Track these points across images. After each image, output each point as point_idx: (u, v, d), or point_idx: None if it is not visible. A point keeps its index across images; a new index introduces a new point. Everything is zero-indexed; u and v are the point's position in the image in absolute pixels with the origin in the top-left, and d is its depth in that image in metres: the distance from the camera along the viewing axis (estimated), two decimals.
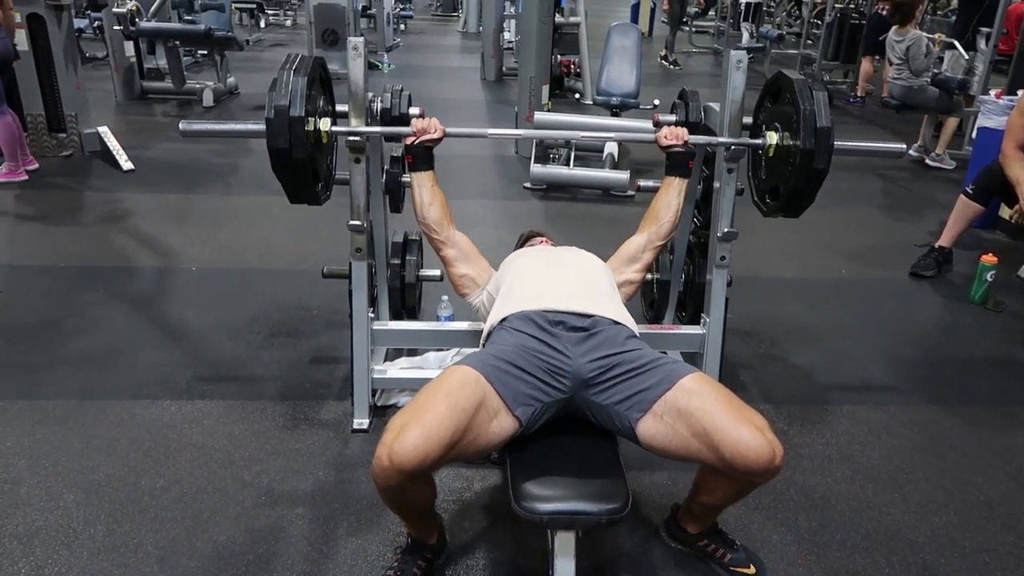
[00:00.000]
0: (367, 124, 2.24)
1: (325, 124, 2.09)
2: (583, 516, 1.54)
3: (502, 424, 1.60)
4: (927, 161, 5.98)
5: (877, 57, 8.29)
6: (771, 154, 2.16)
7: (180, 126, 2.10)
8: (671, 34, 10.86)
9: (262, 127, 1.95)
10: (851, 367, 2.95)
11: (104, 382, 2.62)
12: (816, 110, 1.98)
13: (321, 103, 2.13)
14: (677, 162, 2.23)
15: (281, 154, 1.93)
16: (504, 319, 1.83)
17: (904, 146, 2.37)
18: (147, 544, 1.92)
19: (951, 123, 5.91)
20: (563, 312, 1.79)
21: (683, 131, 2.22)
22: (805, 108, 1.99)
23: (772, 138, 2.14)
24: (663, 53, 10.91)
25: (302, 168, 1.97)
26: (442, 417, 1.48)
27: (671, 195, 2.22)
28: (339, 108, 2.28)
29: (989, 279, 3.49)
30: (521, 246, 2.50)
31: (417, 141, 2.13)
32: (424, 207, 2.12)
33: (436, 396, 1.54)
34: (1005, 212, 4.42)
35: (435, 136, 2.15)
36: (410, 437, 1.44)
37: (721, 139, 2.29)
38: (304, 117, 1.92)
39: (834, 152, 2.00)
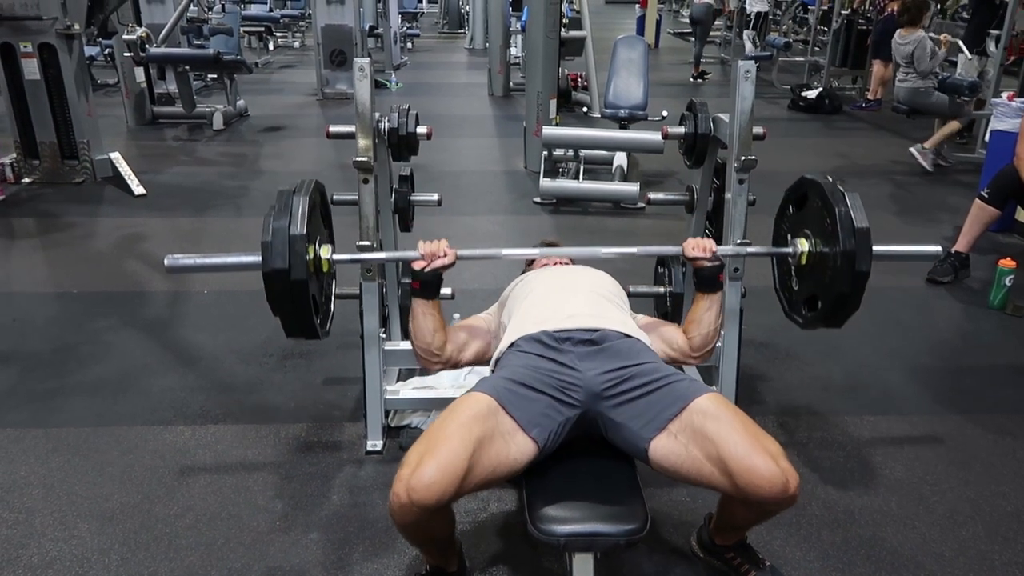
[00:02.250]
0: (374, 144, 2.23)
1: (326, 252, 1.99)
2: (601, 538, 1.51)
3: (520, 448, 1.57)
4: (911, 149, 5.92)
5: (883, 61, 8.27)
6: (803, 262, 2.08)
7: (165, 262, 1.95)
8: (699, 46, 10.70)
9: (257, 259, 1.84)
10: (870, 376, 2.91)
11: (118, 408, 2.62)
12: (852, 210, 1.94)
13: (320, 227, 2.06)
14: (706, 278, 1.99)
15: (278, 277, 1.81)
16: (512, 343, 1.82)
17: (940, 248, 2.26)
18: (162, 573, 1.91)
19: (952, 125, 5.84)
20: (569, 330, 1.77)
21: (710, 242, 2.00)
22: (840, 210, 1.93)
23: (803, 245, 2.08)
24: (694, 72, 10.69)
25: (301, 293, 1.85)
26: (458, 449, 1.46)
27: (701, 311, 1.99)
28: (343, 129, 2.27)
29: (1008, 284, 3.44)
30: (531, 262, 2.48)
31: (428, 268, 1.95)
32: (428, 335, 1.93)
33: (450, 427, 1.51)
34: (1022, 215, 4.38)
35: (446, 262, 1.96)
36: (427, 471, 1.41)
37: (750, 249, 2.18)
38: (305, 236, 1.83)
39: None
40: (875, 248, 1.95)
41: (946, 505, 2.19)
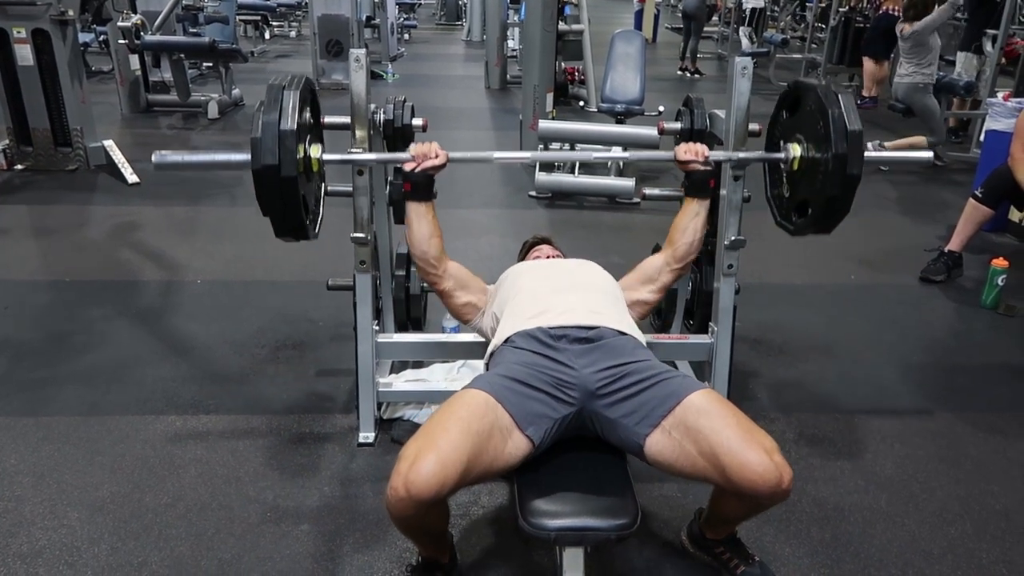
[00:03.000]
0: (370, 136, 2.22)
1: (316, 151, 1.97)
2: (592, 532, 1.51)
3: (516, 444, 1.57)
4: (868, 144, 5.90)
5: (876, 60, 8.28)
6: (795, 167, 2.08)
7: (153, 158, 1.91)
8: (694, 42, 10.68)
9: (246, 157, 1.82)
10: (862, 374, 2.92)
11: (109, 398, 2.61)
12: (846, 113, 1.93)
13: (310, 126, 2.04)
14: (697, 182, 2.04)
15: (268, 174, 1.78)
16: (507, 339, 1.82)
17: (931, 154, 2.30)
18: (152, 562, 1.90)
19: (919, 140, 5.77)
20: (565, 327, 1.77)
21: (702, 147, 2.05)
22: (834, 112, 1.93)
23: (795, 150, 2.08)
24: (682, 64, 10.70)
25: (291, 190, 1.84)
26: (456, 443, 1.46)
27: (688, 217, 2.08)
28: (339, 120, 2.26)
29: (1000, 283, 3.45)
30: (525, 253, 2.48)
31: (418, 168, 1.96)
32: (424, 241, 1.95)
33: (448, 421, 1.51)
34: (1015, 215, 4.40)
35: (437, 162, 1.97)
36: (426, 465, 1.41)
37: (741, 154, 2.19)
38: (295, 131, 1.81)
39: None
40: (867, 154, 1.95)
41: (935, 503, 2.20)
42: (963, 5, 6.63)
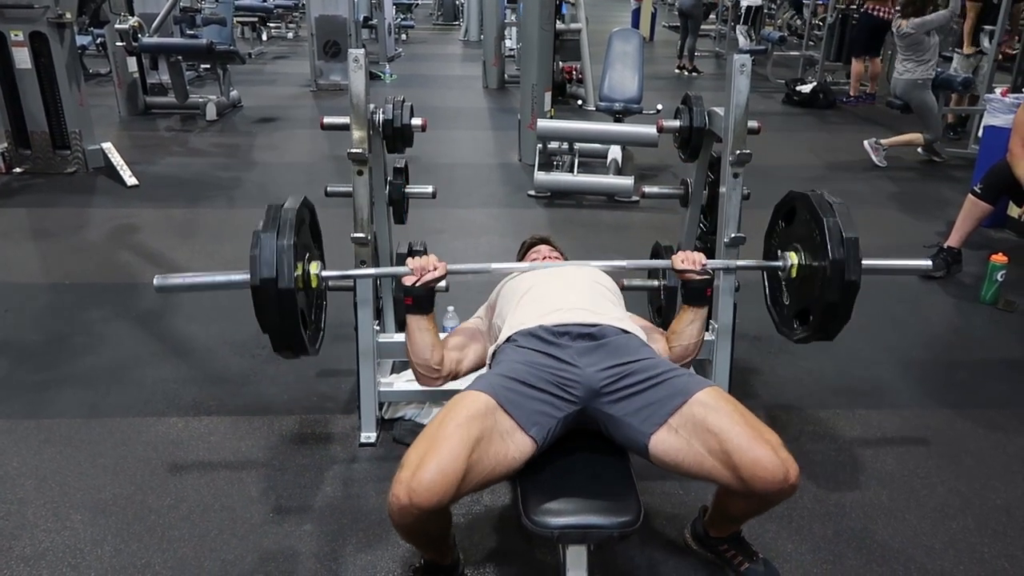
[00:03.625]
0: (369, 136, 2.23)
1: (315, 267, 1.99)
2: (595, 530, 1.52)
3: (518, 446, 1.57)
4: (864, 142, 5.93)
5: (866, 58, 8.30)
6: (793, 275, 2.10)
7: (154, 282, 1.91)
8: (692, 40, 10.67)
9: (246, 276, 1.84)
10: (862, 370, 2.92)
11: (110, 400, 2.61)
12: (840, 220, 1.95)
13: (309, 243, 2.06)
14: (694, 291, 1.99)
15: (265, 286, 1.81)
16: (509, 337, 1.81)
17: (930, 263, 2.24)
18: (155, 564, 1.90)
19: (915, 138, 5.83)
20: (567, 324, 1.77)
21: (699, 256, 2.00)
22: (828, 221, 1.95)
23: (793, 259, 2.09)
24: (680, 63, 10.70)
25: (288, 302, 1.85)
26: (457, 450, 1.45)
27: (684, 324, 1.99)
28: (337, 120, 2.27)
29: (999, 279, 3.45)
30: (523, 254, 2.48)
31: (419, 283, 1.91)
32: (426, 351, 1.90)
33: (449, 427, 1.50)
34: (1014, 211, 4.40)
35: (438, 275, 1.93)
36: (428, 474, 1.41)
37: (739, 263, 2.21)
38: (293, 246, 1.84)
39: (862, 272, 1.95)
40: (864, 262, 1.96)
41: (936, 498, 2.21)
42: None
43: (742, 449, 1.49)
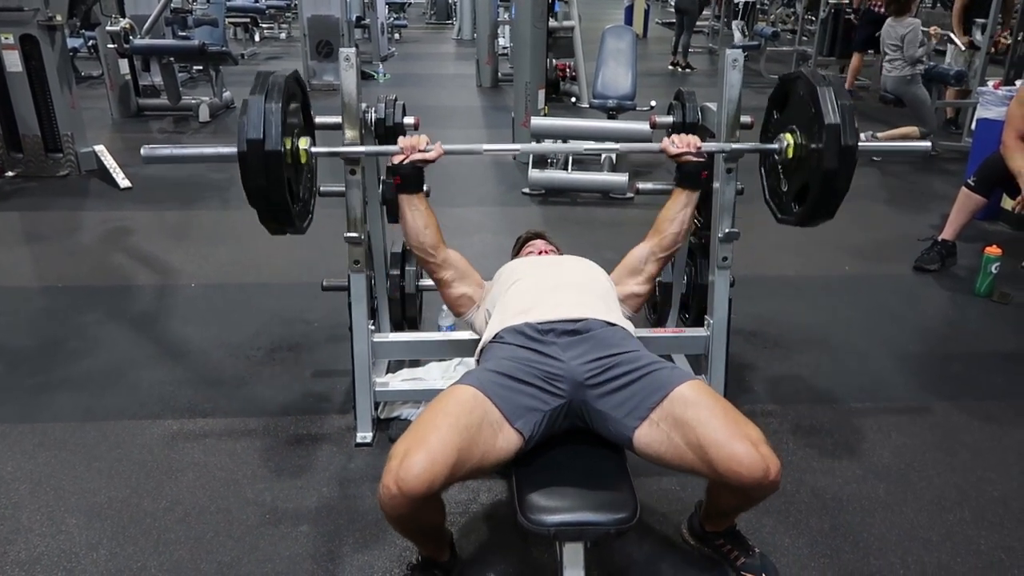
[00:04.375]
0: (361, 135, 2.22)
1: (304, 143, 1.97)
2: (591, 527, 1.51)
3: (506, 438, 1.57)
4: (860, 135, 5.93)
5: (870, 52, 8.29)
6: (789, 155, 2.08)
7: (142, 152, 1.93)
8: (686, 37, 10.67)
9: (234, 150, 1.82)
10: (858, 364, 2.92)
11: (105, 402, 2.60)
12: (834, 88, 1.95)
13: (299, 120, 2.04)
14: (689, 173, 2.03)
15: (252, 148, 1.79)
16: (496, 335, 1.82)
17: (929, 144, 2.33)
18: (151, 567, 1.90)
19: (911, 131, 5.85)
20: (552, 321, 1.77)
21: (694, 138, 2.05)
22: (822, 89, 1.94)
23: (788, 139, 2.08)
24: (674, 59, 10.70)
25: (275, 168, 1.83)
26: (446, 438, 1.45)
27: (677, 207, 2.08)
28: (329, 120, 2.26)
29: (994, 271, 3.46)
30: (519, 249, 2.48)
31: (406, 160, 1.96)
32: (418, 232, 1.96)
33: (437, 418, 1.51)
34: (1008, 203, 4.40)
35: (428, 156, 1.97)
36: (416, 462, 1.41)
37: (734, 145, 2.19)
38: (281, 107, 1.82)
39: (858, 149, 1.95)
40: (863, 144, 1.97)
41: (933, 491, 2.21)
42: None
43: (718, 444, 1.49)
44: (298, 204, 2.02)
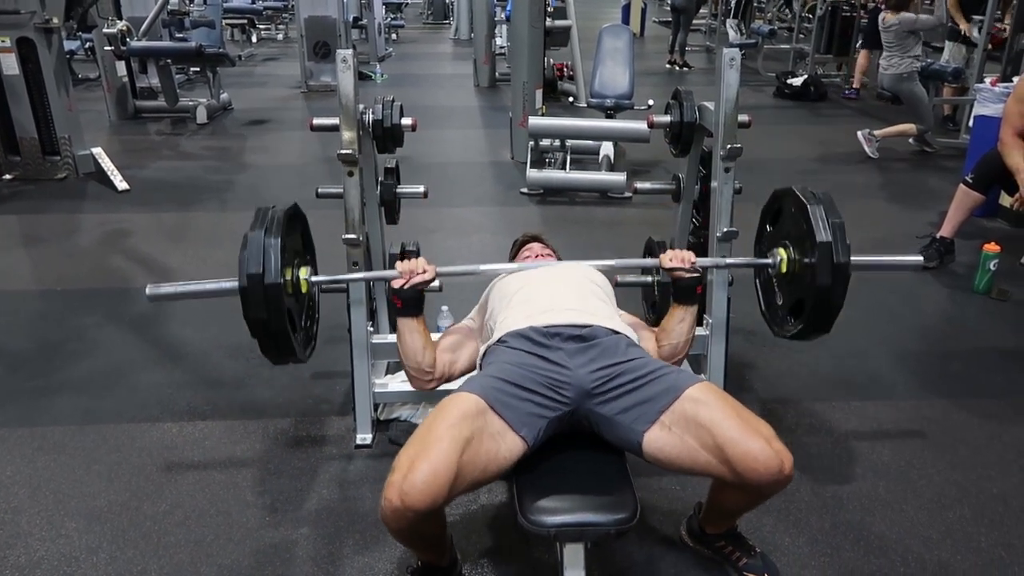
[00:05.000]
0: (359, 136, 2.22)
1: (305, 273, 1.98)
2: (592, 527, 1.51)
3: (509, 447, 1.56)
4: (858, 133, 5.95)
5: (872, 50, 8.29)
6: (783, 270, 2.08)
7: (147, 291, 1.95)
8: (683, 35, 10.67)
9: (235, 285, 1.84)
10: (857, 362, 2.92)
11: (104, 406, 2.60)
12: (825, 206, 1.97)
13: (299, 249, 2.06)
14: (683, 289, 1.98)
15: (252, 282, 1.81)
16: (499, 338, 1.81)
17: (921, 258, 2.29)
18: (151, 571, 1.89)
19: (908, 128, 5.85)
20: (557, 325, 1.76)
21: (688, 254, 2.00)
22: (813, 207, 1.96)
23: (782, 254, 2.08)
24: (671, 58, 10.70)
25: (275, 301, 1.85)
26: (449, 451, 1.44)
27: (675, 322, 1.98)
28: (327, 121, 2.26)
29: (992, 268, 3.46)
30: (515, 252, 2.47)
31: (407, 285, 1.91)
32: (417, 354, 1.90)
33: (440, 429, 1.49)
34: (1006, 200, 4.40)
35: (426, 278, 1.93)
36: (420, 476, 1.40)
37: (728, 260, 2.21)
38: (280, 242, 1.84)
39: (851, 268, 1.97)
40: (854, 259, 1.97)
41: (933, 489, 2.21)
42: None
43: (735, 442, 1.49)
44: (299, 333, 2.03)
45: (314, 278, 2.03)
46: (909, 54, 5.77)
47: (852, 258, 1.96)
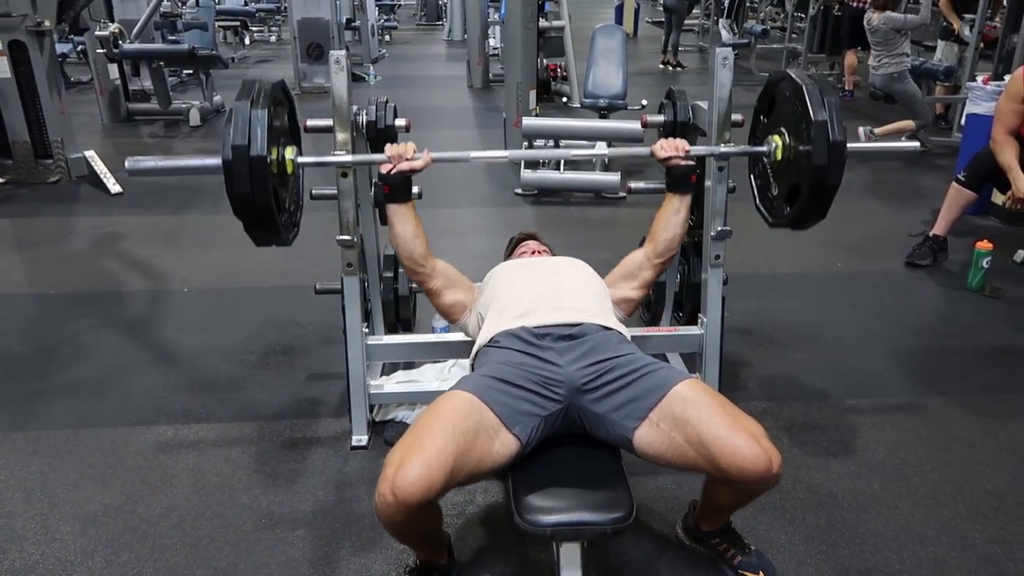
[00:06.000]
0: (352, 138, 2.21)
1: (290, 153, 1.96)
2: (588, 527, 1.51)
3: (503, 444, 1.57)
4: (859, 129, 5.96)
5: (859, 48, 8.31)
6: (778, 157, 2.08)
7: (126, 163, 1.93)
8: (675, 35, 10.69)
9: (218, 161, 1.81)
10: (851, 361, 2.93)
11: (99, 409, 2.59)
12: (820, 87, 1.96)
13: (285, 129, 2.03)
14: (678, 178, 2.02)
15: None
16: (491, 339, 1.82)
17: (918, 144, 2.34)
18: (147, 574, 1.89)
19: (907, 125, 5.86)
20: (548, 325, 1.77)
21: (682, 142, 2.04)
22: (808, 88, 1.95)
23: (777, 140, 2.08)
24: (664, 58, 10.73)
25: (261, 176, 1.81)
26: (441, 445, 1.45)
27: (670, 213, 2.07)
28: (320, 123, 2.25)
29: (985, 265, 3.47)
30: (511, 250, 2.48)
31: (394, 170, 1.94)
32: (408, 242, 1.94)
33: (433, 424, 1.50)
34: (998, 198, 4.41)
35: (416, 164, 1.96)
36: (412, 469, 1.41)
37: (723, 148, 2.18)
38: (267, 112, 1.81)
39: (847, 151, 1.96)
40: (851, 145, 1.97)
41: (928, 486, 2.21)
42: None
43: (720, 439, 1.49)
44: (284, 214, 2.00)
45: (300, 159, 1.99)
46: (897, 53, 5.78)
47: (849, 144, 1.94)
